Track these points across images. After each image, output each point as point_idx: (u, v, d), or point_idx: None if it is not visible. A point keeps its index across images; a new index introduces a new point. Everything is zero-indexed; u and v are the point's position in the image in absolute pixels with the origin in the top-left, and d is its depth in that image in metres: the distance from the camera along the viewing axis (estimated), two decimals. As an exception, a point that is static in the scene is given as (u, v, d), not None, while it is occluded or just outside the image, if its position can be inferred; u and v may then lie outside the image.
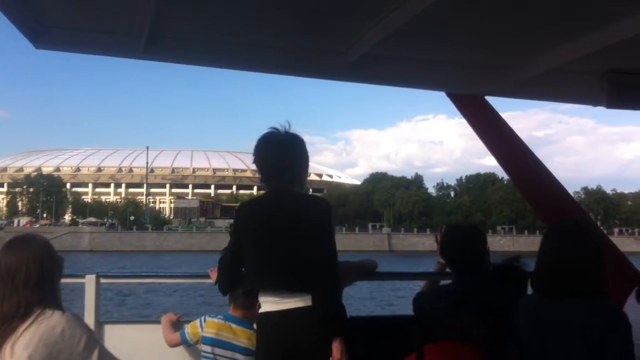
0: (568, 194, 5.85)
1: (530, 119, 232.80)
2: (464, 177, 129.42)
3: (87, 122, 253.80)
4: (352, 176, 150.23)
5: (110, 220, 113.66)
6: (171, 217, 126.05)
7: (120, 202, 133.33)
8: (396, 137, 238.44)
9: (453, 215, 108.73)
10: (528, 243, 75.30)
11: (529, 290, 3.89)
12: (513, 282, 3.86)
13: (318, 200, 3.92)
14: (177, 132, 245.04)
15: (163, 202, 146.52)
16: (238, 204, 3.92)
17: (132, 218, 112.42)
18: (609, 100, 4.84)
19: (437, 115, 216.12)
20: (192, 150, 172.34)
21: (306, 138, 3.93)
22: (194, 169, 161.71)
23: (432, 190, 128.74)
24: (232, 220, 4.15)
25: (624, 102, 4.89)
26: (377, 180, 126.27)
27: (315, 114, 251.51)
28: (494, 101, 5.36)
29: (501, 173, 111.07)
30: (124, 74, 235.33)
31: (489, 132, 5.38)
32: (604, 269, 3.17)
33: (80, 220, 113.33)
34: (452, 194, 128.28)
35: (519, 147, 5.36)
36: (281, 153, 3.80)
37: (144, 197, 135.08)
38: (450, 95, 5.26)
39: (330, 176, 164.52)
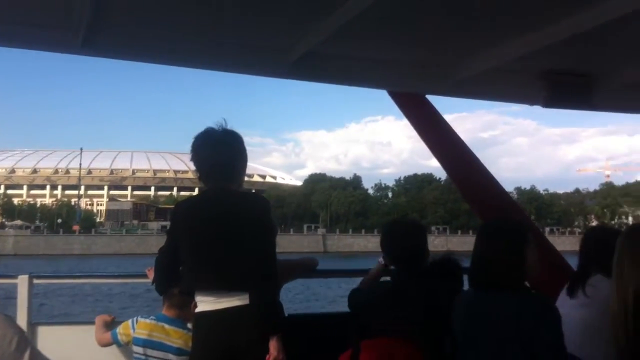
0: (505, 192, 5.97)
1: (477, 120, 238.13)
2: (402, 178, 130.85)
3: (22, 123, 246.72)
4: (300, 178, 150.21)
5: (37, 223, 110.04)
6: (102, 220, 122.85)
7: (53, 204, 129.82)
8: (345, 139, 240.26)
9: (389, 216, 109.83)
10: (461, 243, 76.50)
11: (466, 286, 3.96)
12: (450, 278, 3.91)
13: (256, 198, 3.89)
14: (117, 132, 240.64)
15: (101, 205, 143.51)
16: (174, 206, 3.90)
17: (59, 221, 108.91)
18: (546, 100, 4.96)
19: (386, 117, 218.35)
20: (133, 151, 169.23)
21: (255, 139, 3.98)
22: (133, 170, 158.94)
23: (371, 191, 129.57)
24: (165, 223, 4.08)
25: (560, 101, 5.01)
26: (316, 182, 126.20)
27: (264, 115, 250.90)
28: (438, 101, 5.42)
29: (438, 174, 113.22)
30: (62, 72, 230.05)
31: (430, 131, 5.45)
32: (521, 265, 3.22)
33: (7, 223, 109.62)
34: (390, 194, 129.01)
35: (459, 145, 5.44)
36: (220, 151, 3.74)
37: (80, 199, 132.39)
38: (392, 94, 5.31)
39: (274, 177, 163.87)
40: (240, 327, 3.51)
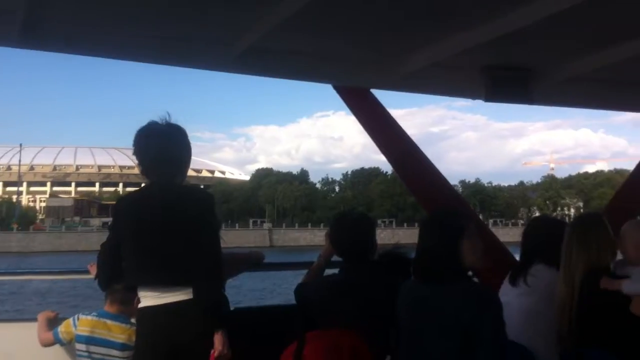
0: (449, 185, 6.08)
1: (427, 115, 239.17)
2: (349, 172, 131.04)
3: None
4: (250, 173, 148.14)
5: None
6: (42, 217, 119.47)
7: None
8: (297, 133, 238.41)
9: (335, 210, 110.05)
10: (407, 235, 76.92)
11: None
12: (397, 270, 3.96)
13: (199, 192, 3.88)
14: (60, 128, 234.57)
15: (43, 202, 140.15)
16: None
17: None
18: (487, 94, 5.07)
19: (337, 112, 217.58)
20: (77, 146, 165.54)
21: (206, 135, 3.95)
22: (77, 167, 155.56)
23: (319, 185, 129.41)
24: (107, 219, 4.03)
25: (500, 95, 5.13)
26: (263, 176, 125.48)
27: (214, 111, 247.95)
28: (388, 96, 5.47)
29: (386, 167, 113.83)
30: (2, 67, 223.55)
31: (375, 125, 5.50)
32: (471, 255, 3.29)
33: None
34: (337, 188, 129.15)
35: (404, 139, 5.51)
36: (163, 145, 3.69)
37: (20, 196, 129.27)
38: (337, 89, 5.34)
39: (223, 172, 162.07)
40: (185, 321, 3.48)
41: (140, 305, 3.64)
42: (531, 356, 3.54)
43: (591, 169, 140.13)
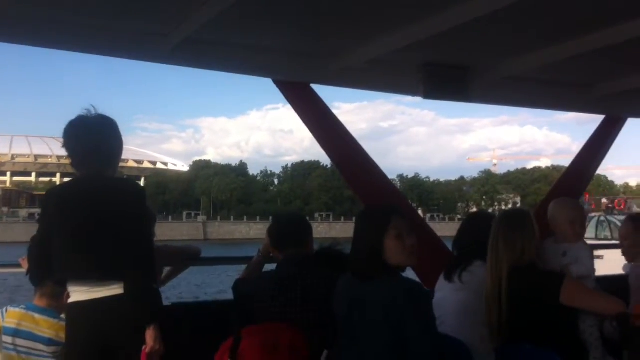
0: (387, 180, 6.12)
1: (377, 110, 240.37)
2: (289, 165, 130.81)
3: None
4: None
5: None
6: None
7: None
8: (247, 126, 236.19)
9: (272, 203, 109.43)
10: (345, 229, 77.15)
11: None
12: (334, 266, 3.97)
13: (129, 185, 3.81)
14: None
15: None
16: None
17: None
18: (425, 91, 5.11)
19: (287, 105, 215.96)
20: (13, 135, 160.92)
21: (153, 125, 3.79)
22: (13, 155, 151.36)
23: (259, 178, 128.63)
24: (36, 210, 3.91)
25: (438, 93, 5.18)
26: (201, 168, 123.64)
27: (162, 101, 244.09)
28: (338, 90, 5.46)
29: (326, 161, 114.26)
30: None
31: (314, 120, 5.50)
32: (397, 253, 3.30)
33: None
34: (277, 181, 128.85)
35: (343, 134, 5.52)
36: (94, 137, 3.62)
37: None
38: (277, 83, 5.30)
39: (166, 164, 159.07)
40: (115, 317, 3.42)
41: (70, 300, 3.55)
42: (467, 351, 3.58)
43: (536, 165, 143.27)
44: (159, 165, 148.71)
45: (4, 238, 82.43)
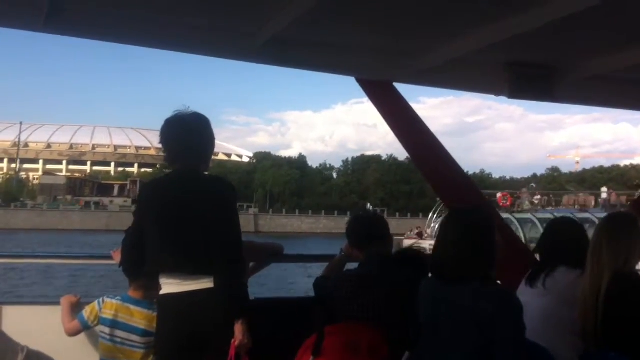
0: (469, 179, 6.06)
1: (463, 105, 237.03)
2: (350, 159, 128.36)
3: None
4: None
5: None
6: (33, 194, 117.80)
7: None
8: (331, 120, 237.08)
9: (326, 197, 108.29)
10: (399, 225, 75.59)
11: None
12: (414, 266, 3.98)
13: (221, 181, 3.92)
14: (79, 106, 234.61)
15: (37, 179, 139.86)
16: (122, 182, 3.94)
17: None
18: (511, 91, 5.03)
19: None
20: (95, 125, 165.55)
21: (241, 118, 3.86)
22: (93, 146, 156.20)
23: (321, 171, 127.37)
24: (98, 199, 4.04)
25: (524, 92, 5.09)
26: (260, 160, 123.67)
27: (250, 95, 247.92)
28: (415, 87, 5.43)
29: (387, 155, 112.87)
30: (22, 46, 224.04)
31: (396, 118, 5.48)
32: (493, 255, 3.28)
33: None
34: (335, 175, 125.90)
35: (424, 133, 5.49)
36: (189, 134, 3.77)
37: (38, 172, 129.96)
38: (359, 81, 5.32)
39: (240, 156, 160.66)
40: (206, 310, 3.53)
41: (162, 292, 3.69)
42: (551, 357, 3.52)
43: (629, 163, 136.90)
44: (234, 157, 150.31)
45: (60, 226, 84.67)
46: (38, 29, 4.28)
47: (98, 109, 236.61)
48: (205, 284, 3.54)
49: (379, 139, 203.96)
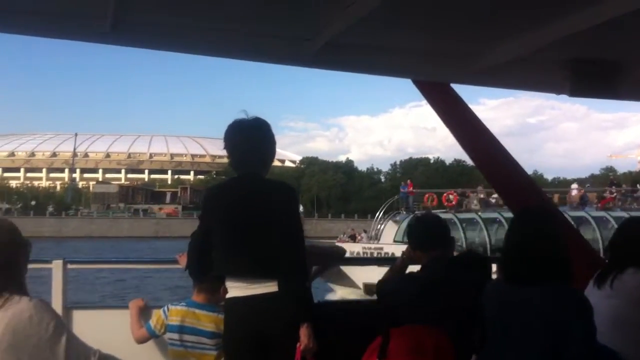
0: (531, 180, 5.97)
1: (523, 105, 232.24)
2: (397, 162, 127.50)
3: (43, 106, 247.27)
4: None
5: (6, 205, 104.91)
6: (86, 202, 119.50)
7: (51, 187, 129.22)
8: (389, 124, 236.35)
9: (371, 201, 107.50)
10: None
11: (494, 276, 3.97)
12: (478, 269, 3.95)
13: (284, 186, 3.96)
14: (140, 117, 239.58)
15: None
16: (174, 189, 4.07)
17: (33, 203, 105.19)
18: (572, 89, 4.93)
19: None
20: (152, 134, 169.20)
21: (299, 124, 3.92)
22: (151, 154, 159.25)
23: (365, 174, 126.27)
24: (146, 206, 4.10)
25: (586, 90, 4.98)
26: (308, 164, 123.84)
27: (307, 100, 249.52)
28: (476, 87, 5.38)
29: (436, 157, 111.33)
30: (85, 58, 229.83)
31: (454, 120, 5.44)
32: (565, 255, 3.23)
33: None
34: (383, 179, 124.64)
35: (483, 134, 5.42)
36: (251, 139, 3.83)
37: (96, 182, 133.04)
38: (417, 83, 5.30)
39: (294, 162, 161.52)
40: (271, 314, 3.57)
41: (228, 295, 3.75)
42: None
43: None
44: (287, 164, 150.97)
45: (109, 233, 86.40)
46: (102, 41, 4.38)
47: (155, 119, 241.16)
48: (270, 287, 3.58)
49: (438, 141, 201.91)
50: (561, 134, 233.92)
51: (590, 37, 4.37)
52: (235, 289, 3.68)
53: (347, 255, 4.56)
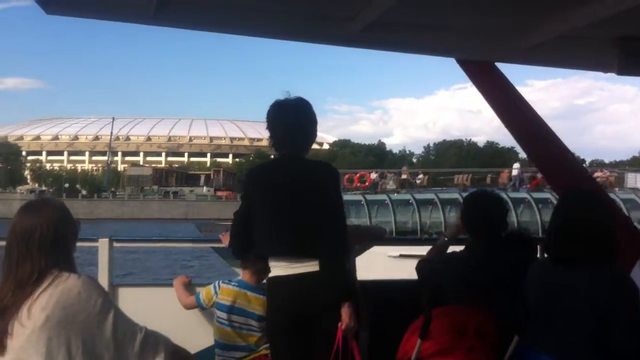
0: (578, 161, 5.88)
1: (572, 87, 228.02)
2: (431, 144, 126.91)
3: (86, 90, 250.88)
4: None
5: (42, 187, 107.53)
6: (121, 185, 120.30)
7: (93, 169, 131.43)
8: (434, 106, 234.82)
9: None
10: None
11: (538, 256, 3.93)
12: (524, 249, 3.91)
13: (326, 166, 3.97)
14: (181, 99, 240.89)
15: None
16: (207, 172, 4.10)
17: (66, 185, 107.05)
18: (620, 67, 4.82)
19: None
20: (192, 118, 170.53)
21: (343, 108, 3.92)
22: (190, 137, 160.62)
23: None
24: (177, 188, 4.13)
25: (635, 69, 4.87)
26: (340, 147, 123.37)
27: (352, 83, 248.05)
28: (523, 67, 5.29)
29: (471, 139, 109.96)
30: (128, 40, 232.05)
31: (498, 99, 5.36)
32: (613, 237, 3.19)
33: (19, 188, 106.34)
34: (415, 161, 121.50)
35: (529, 114, 5.34)
36: (294, 119, 3.82)
37: (139, 164, 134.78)
38: (460, 62, 5.23)
39: (321, 144, 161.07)
40: (313, 293, 3.57)
41: (270, 275, 3.78)
42: None
43: None
44: (325, 146, 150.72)
45: (141, 215, 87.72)
46: (147, 22, 4.42)
47: (194, 101, 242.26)
48: (312, 266, 3.58)
49: (484, 124, 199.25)
50: (611, 115, 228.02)
51: (638, 15, 4.27)
52: (278, 269, 3.70)
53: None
